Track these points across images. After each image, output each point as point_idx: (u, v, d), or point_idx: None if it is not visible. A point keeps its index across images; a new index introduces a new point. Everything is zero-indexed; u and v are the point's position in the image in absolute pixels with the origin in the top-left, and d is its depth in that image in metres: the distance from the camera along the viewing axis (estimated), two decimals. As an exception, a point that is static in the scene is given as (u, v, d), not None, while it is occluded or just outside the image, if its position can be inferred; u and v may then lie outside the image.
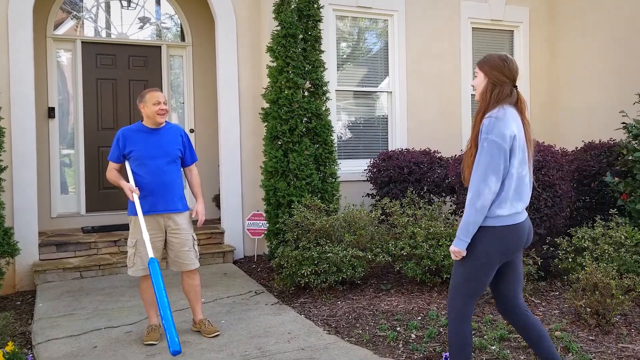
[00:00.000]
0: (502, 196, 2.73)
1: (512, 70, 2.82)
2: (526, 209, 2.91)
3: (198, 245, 4.21)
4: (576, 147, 6.67)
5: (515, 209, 2.76)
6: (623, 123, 6.00)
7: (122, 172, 4.04)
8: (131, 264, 3.97)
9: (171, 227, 3.99)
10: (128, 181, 3.94)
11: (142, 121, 4.07)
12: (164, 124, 4.06)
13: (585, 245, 4.81)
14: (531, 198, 5.05)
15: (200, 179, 4.29)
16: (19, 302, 5.22)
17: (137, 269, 3.95)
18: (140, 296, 4.11)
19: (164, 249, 4.05)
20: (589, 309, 4.11)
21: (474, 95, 2.98)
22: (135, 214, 3.88)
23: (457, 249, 2.76)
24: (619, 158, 5.85)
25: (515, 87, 2.84)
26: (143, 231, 3.76)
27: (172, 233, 4.00)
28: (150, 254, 3.71)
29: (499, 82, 2.79)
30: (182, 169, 4.16)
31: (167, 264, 4.15)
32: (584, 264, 4.53)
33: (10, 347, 3.57)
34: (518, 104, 2.83)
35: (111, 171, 4.01)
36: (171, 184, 3.98)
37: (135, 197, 3.83)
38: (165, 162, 3.97)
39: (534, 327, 2.94)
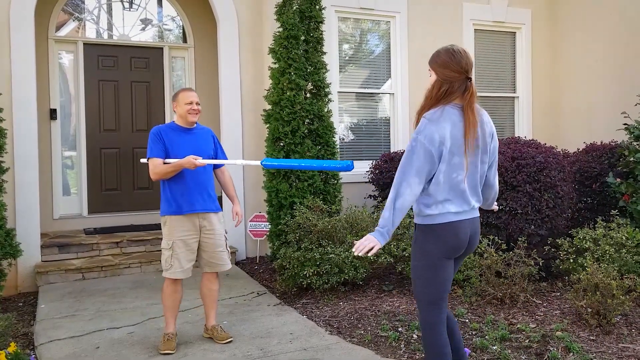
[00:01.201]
0: (428, 198, 2.65)
1: (461, 63, 2.62)
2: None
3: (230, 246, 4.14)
4: (578, 149, 6.68)
5: (446, 209, 2.64)
6: (625, 124, 6.01)
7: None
8: (168, 266, 3.86)
9: (206, 227, 3.93)
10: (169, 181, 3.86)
11: (174, 121, 4.03)
12: (195, 125, 4.02)
13: (587, 246, 4.82)
14: (533, 199, 5.08)
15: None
16: (21, 304, 5.23)
17: (174, 271, 3.84)
18: (162, 301, 3.95)
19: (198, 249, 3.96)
20: (590, 310, 4.12)
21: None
22: (169, 213, 3.83)
23: (376, 241, 2.52)
24: (621, 159, 5.85)
25: (469, 79, 2.64)
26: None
27: (207, 233, 3.94)
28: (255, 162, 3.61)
29: (448, 79, 2.63)
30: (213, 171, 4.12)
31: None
32: (585, 264, 4.53)
33: (12, 348, 3.57)
34: (467, 96, 2.62)
35: (157, 167, 3.82)
36: (206, 184, 3.94)
37: (201, 160, 3.70)
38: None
39: (450, 322, 2.89)
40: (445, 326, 2.77)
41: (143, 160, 4.04)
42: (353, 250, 2.55)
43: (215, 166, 4.12)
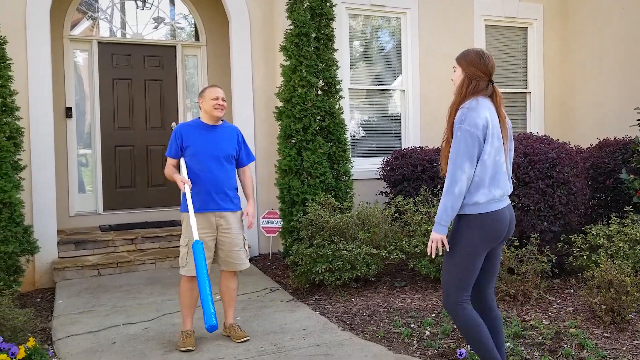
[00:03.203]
0: (477, 183, 2.82)
1: (488, 66, 2.92)
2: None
3: (248, 246, 4.15)
4: (591, 144, 6.65)
5: (492, 196, 2.84)
6: (638, 120, 5.98)
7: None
8: (184, 263, 3.88)
9: (223, 226, 3.93)
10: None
11: (200, 118, 4.04)
12: (221, 122, 4.04)
13: (600, 242, 4.81)
14: (545, 195, 5.08)
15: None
16: (38, 299, 5.32)
17: (189, 268, 3.84)
18: (180, 299, 3.99)
19: (215, 248, 3.99)
20: (603, 306, 4.11)
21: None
22: (185, 210, 3.86)
23: (439, 235, 2.85)
24: (634, 155, 5.82)
25: (492, 82, 2.94)
26: (191, 216, 3.74)
27: (224, 232, 3.94)
28: (196, 237, 3.70)
29: (475, 76, 2.90)
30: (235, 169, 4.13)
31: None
32: (598, 261, 4.52)
33: (31, 342, 3.65)
34: (494, 98, 2.92)
35: (168, 167, 3.99)
36: (225, 183, 3.94)
37: (187, 189, 3.78)
38: (220, 160, 3.94)
39: (493, 321, 3.05)
40: (470, 306, 2.94)
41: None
42: (429, 254, 2.89)
43: (239, 164, 4.12)
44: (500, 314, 3.11)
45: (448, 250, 2.93)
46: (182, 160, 3.96)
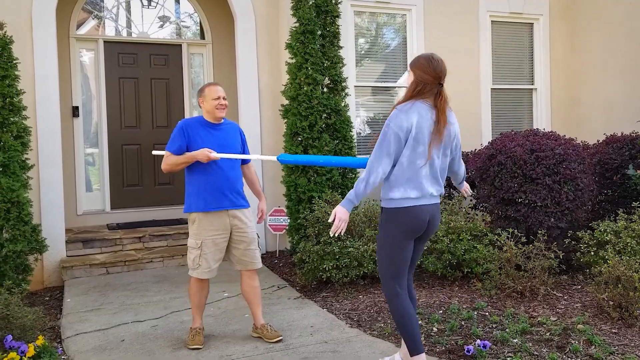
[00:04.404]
0: (393, 181, 3.02)
1: (436, 70, 3.03)
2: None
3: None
4: (598, 140, 6.62)
5: (407, 195, 3.00)
6: (645, 115, 5.95)
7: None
8: (195, 265, 3.81)
9: (238, 225, 3.86)
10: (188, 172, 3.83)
11: (202, 116, 3.95)
12: (223, 120, 3.96)
13: (608, 238, 4.79)
14: (552, 191, 5.06)
15: None
16: (47, 298, 5.35)
17: (202, 271, 3.80)
18: (189, 297, 3.96)
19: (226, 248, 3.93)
20: (611, 302, 4.11)
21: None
22: (195, 210, 3.78)
23: (342, 209, 2.97)
24: (642, 150, 5.79)
25: (441, 84, 3.04)
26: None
27: (239, 231, 3.87)
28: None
29: (422, 80, 3.02)
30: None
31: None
32: (606, 257, 4.51)
33: (40, 340, 3.68)
34: (438, 102, 3.01)
35: (168, 158, 3.79)
36: (236, 180, 3.88)
37: (216, 154, 3.68)
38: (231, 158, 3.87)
39: (412, 302, 3.26)
40: (406, 295, 3.15)
41: (155, 153, 3.99)
42: (330, 234, 2.99)
43: (243, 162, 4.06)
44: (415, 295, 3.36)
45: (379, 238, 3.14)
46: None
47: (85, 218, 6.96)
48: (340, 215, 2.97)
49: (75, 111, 6.92)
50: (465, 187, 3.57)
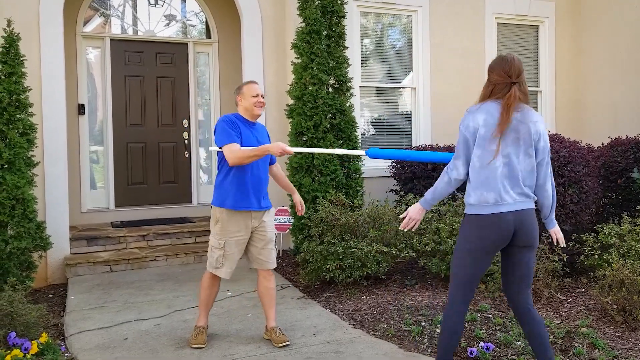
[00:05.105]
0: (469, 185, 2.95)
1: (506, 69, 2.95)
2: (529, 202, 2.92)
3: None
4: (602, 143, 6.60)
5: (484, 199, 2.88)
6: (651, 118, 5.93)
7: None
8: (218, 264, 3.81)
9: (260, 225, 3.87)
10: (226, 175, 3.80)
11: (238, 113, 3.90)
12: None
13: (612, 241, 4.78)
14: (557, 194, 5.05)
15: None
16: (51, 295, 5.37)
17: (226, 271, 3.82)
18: (200, 292, 3.95)
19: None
20: (615, 306, 4.10)
21: None
22: (224, 206, 3.74)
23: (418, 207, 3.02)
24: (647, 154, 5.78)
25: (514, 83, 2.94)
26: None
27: (260, 230, 3.87)
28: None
29: (493, 81, 2.98)
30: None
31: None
32: (610, 260, 4.50)
33: (44, 338, 3.69)
34: (506, 99, 2.91)
35: (237, 151, 3.64)
36: (266, 182, 3.89)
37: (290, 148, 3.61)
38: (265, 159, 3.86)
39: (535, 327, 2.97)
40: (465, 308, 2.97)
41: (212, 149, 3.94)
42: (400, 228, 3.03)
43: (271, 161, 4.06)
44: (541, 319, 3.00)
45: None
46: (215, 149, 3.80)
47: (90, 216, 6.97)
48: (411, 215, 3.02)
49: (80, 109, 6.94)
50: (556, 232, 3.14)
